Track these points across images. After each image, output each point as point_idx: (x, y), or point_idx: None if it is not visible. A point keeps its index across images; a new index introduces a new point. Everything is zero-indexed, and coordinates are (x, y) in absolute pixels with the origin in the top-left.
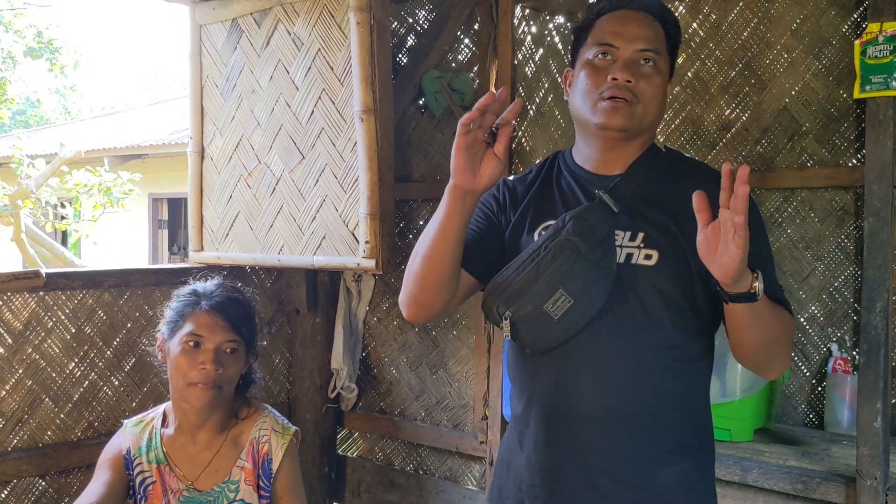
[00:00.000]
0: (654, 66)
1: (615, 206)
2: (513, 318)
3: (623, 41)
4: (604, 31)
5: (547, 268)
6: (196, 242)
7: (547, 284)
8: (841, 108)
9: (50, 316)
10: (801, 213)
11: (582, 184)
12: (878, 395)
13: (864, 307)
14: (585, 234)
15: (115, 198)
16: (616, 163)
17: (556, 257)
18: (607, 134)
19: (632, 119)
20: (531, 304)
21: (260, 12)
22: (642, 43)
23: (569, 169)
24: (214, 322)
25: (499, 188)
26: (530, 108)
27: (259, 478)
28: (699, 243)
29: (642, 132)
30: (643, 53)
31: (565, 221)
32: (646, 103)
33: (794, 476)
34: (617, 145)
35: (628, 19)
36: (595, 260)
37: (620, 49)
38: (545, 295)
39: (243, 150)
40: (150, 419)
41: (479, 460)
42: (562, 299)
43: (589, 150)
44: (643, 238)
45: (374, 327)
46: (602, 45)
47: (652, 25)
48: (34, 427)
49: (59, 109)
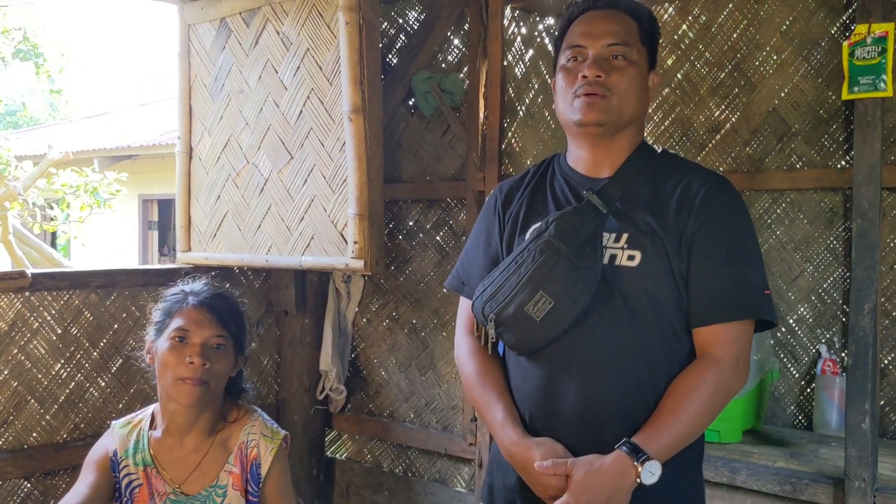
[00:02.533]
0: (625, 58)
1: (603, 208)
2: (497, 319)
3: (591, 39)
4: (573, 34)
5: (528, 269)
6: (184, 243)
7: (527, 286)
8: (830, 110)
9: (36, 317)
10: (790, 215)
11: (573, 186)
12: (867, 396)
13: (853, 309)
14: (567, 235)
15: (101, 198)
16: (605, 163)
17: (535, 259)
18: (587, 130)
19: (608, 112)
20: (513, 306)
21: (249, 12)
22: (610, 38)
23: (562, 171)
24: (201, 316)
25: (495, 199)
26: (520, 108)
27: (247, 482)
28: None
29: (623, 125)
30: (612, 48)
31: (549, 223)
32: (620, 95)
33: (782, 477)
34: (602, 143)
35: (596, 18)
36: (576, 261)
37: (589, 48)
38: (526, 296)
39: (231, 150)
40: (138, 421)
41: (469, 462)
42: (542, 301)
43: (579, 152)
44: (627, 239)
45: (363, 328)
46: (573, 48)
47: (621, 20)
48: (19, 428)
49: (48, 110)
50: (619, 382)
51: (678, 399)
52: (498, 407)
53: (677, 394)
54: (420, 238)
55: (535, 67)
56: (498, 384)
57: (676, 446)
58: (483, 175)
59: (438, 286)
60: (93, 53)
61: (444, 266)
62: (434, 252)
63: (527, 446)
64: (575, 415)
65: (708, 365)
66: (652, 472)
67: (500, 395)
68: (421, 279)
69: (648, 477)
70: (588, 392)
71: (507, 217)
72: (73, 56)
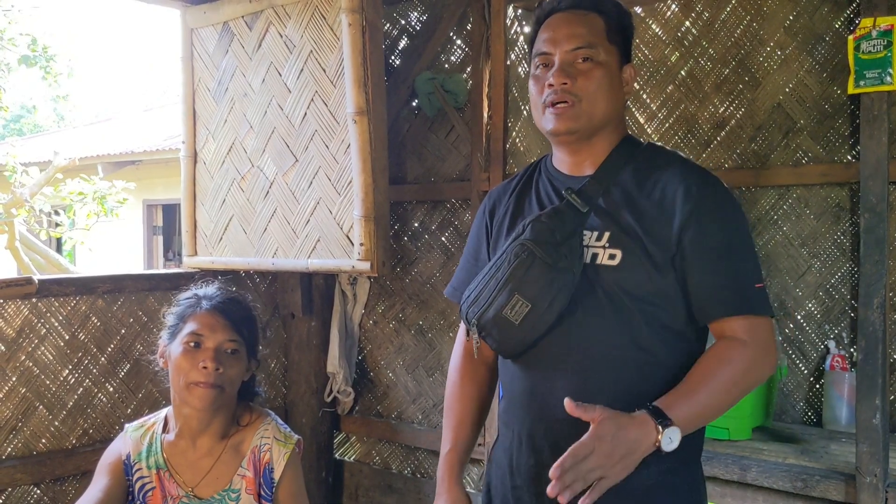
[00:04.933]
0: (591, 60)
1: (582, 207)
2: (478, 323)
3: (554, 45)
4: (540, 41)
5: (504, 273)
6: (190, 247)
7: (504, 289)
8: (835, 105)
9: (43, 323)
10: (796, 211)
11: (556, 186)
12: (877, 391)
13: (862, 303)
14: (542, 237)
15: (109, 207)
16: (586, 162)
17: (511, 262)
18: (560, 139)
19: (578, 119)
20: (492, 310)
21: (251, 15)
22: (573, 42)
23: (547, 172)
24: (215, 321)
25: (484, 207)
26: (524, 108)
27: (260, 486)
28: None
29: (598, 127)
30: (576, 52)
31: (525, 226)
32: (589, 99)
33: (793, 474)
34: (580, 146)
35: (559, 23)
36: (551, 263)
37: (553, 54)
38: (503, 300)
39: (236, 154)
40: (151, 424)
41: (477, 462)
42: (519, 304)
43: (559, 154)
44: (609, 238)
45: (369, 330)
46: (539, 56)
47: (584, 21)
48: (28, 435)
49: (52, 117)
50: (605, 381)
51: (705, 372)
52: (448, 440)
53: (704, 368)
54: (425, 239)
55: None
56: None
57: (698, 419)
58: (488, 175)
59: (444, 287)
60: (95, 60)
61: (450, 267)
62: (439, 253)
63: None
64: (564, 415)
65: (736, 345)
66: (671, 439)
67: (457, 427)
68: (427, 280)
69: (668, 443)
70: (578, 391)
71: (495, 223)
72: (78, 61)
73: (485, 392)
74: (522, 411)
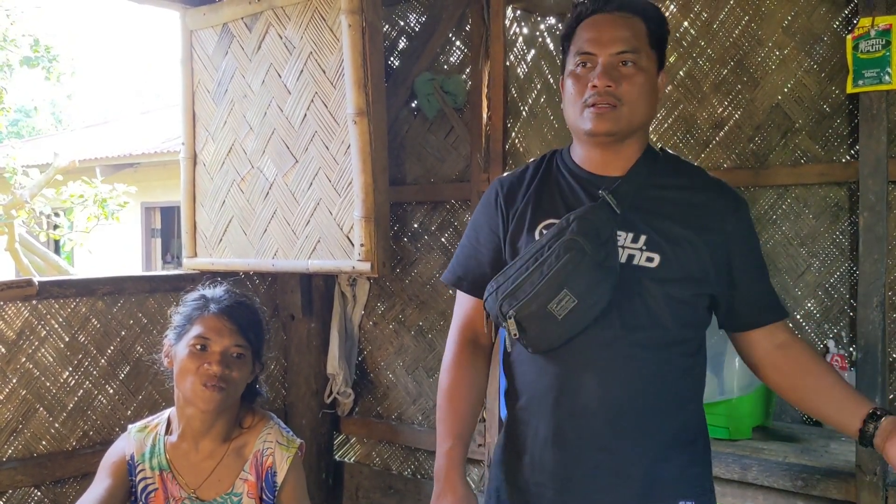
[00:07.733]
0: (635, 65)
1: (617, 208)
2: (517, 316)
3: (599, 47)
4: (582, 40)
5: (552, 268)
6: (189, 248)
7: (551, 284)
8: (833, 104)
9: (43, 325)
10: (795, 210)
11: (583, 184)
12: (877, 390)
13: (861, 303)
14: (590, 234)
15: (109, 210)
16: (615, 163)
17: (560, 257)
18: (597, 140)
19: (618, 122)
20: (535, 304)
21: (251, 16)
22: (619, 46)
23: (568, 168)
24: (222, 325)
25: (496, 194)
26: (523, 108)
27: (262, 491)
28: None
29: (634, 132)
30: (621, 56)
31: (570, 221)
32: (631, 104)
33: (793, 473)
34: (611, 147)
35: (604, 24)
36: (599, 260)
37: (598, 55)
38: (549, 294)
39: (236, 155)
40: (154, 425)
41: (478, 463)
42: (566, 299)
43: (587, 152)
44: (646, 241)
45: (369, 331)
46: (581, 55)
47: (629, 24)
48: (29, 437)
49: (50, 120)
50: (637, 378)
51: (830, 369)
52: (449, 434)
53: (829, 366)
54: (425, 240)
55: (538, 68)
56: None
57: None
58: (487, 176)
59: (444, 288)
60: (95, 61)
61: None
62: (439, 254)
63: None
64: (595, 410)
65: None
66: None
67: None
68: (426, 281)
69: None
70: (607, 388)
71: (512, 214)
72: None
73: (483, 384)
74: (548, 407)
